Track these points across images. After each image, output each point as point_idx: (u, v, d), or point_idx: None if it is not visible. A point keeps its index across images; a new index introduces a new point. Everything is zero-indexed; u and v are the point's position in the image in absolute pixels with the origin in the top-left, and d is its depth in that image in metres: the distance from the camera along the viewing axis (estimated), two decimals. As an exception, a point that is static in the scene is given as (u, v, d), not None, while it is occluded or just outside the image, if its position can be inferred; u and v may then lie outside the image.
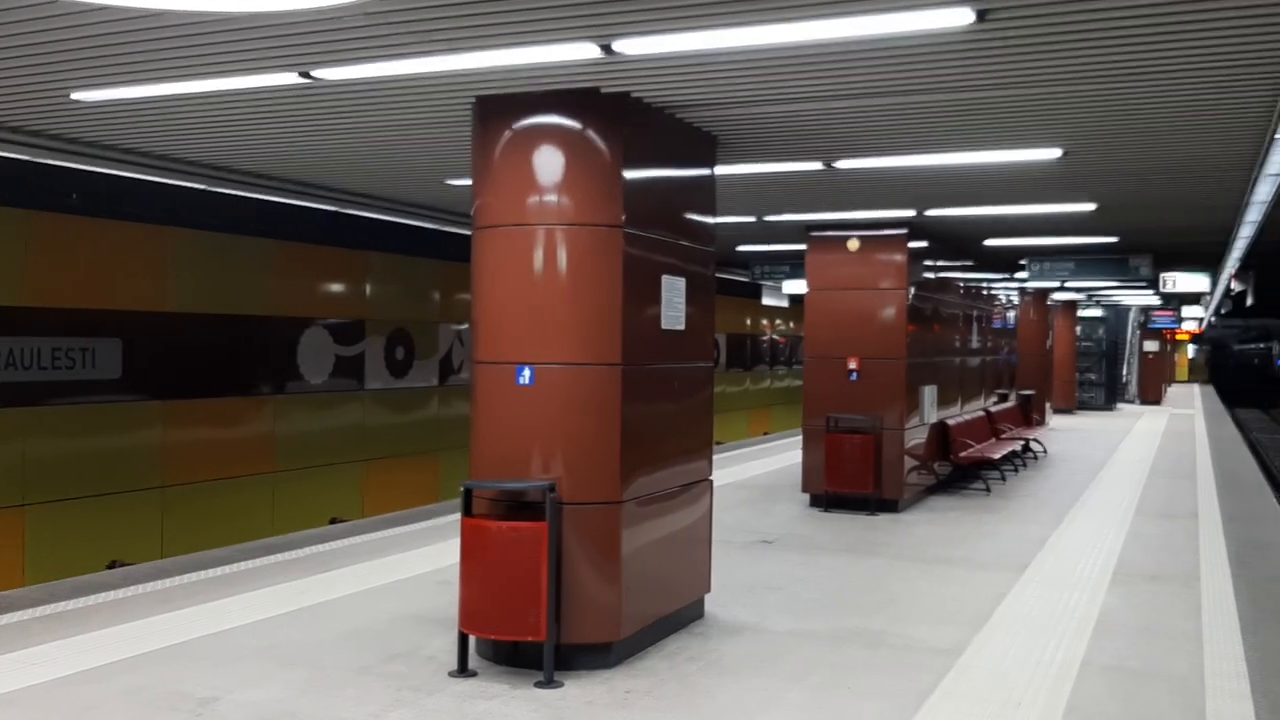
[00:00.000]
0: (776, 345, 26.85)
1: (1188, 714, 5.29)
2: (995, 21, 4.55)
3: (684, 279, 6.50)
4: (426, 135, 7.22)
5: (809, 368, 11.90)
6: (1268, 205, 10.03)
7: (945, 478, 13.22)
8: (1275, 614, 7.28)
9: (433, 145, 7.57)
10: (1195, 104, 6.02)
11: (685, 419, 6.70)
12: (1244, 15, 4.46)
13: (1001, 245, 14.09)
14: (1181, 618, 7.14)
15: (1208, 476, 15.05)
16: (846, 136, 7.08)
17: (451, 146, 7.48)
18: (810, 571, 8.46)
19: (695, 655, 6.17)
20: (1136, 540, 9.94)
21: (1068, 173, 8.31)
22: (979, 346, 15.53)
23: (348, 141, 7.52)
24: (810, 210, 10.88)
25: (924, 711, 5.27)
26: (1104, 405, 30.07)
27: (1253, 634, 6.74)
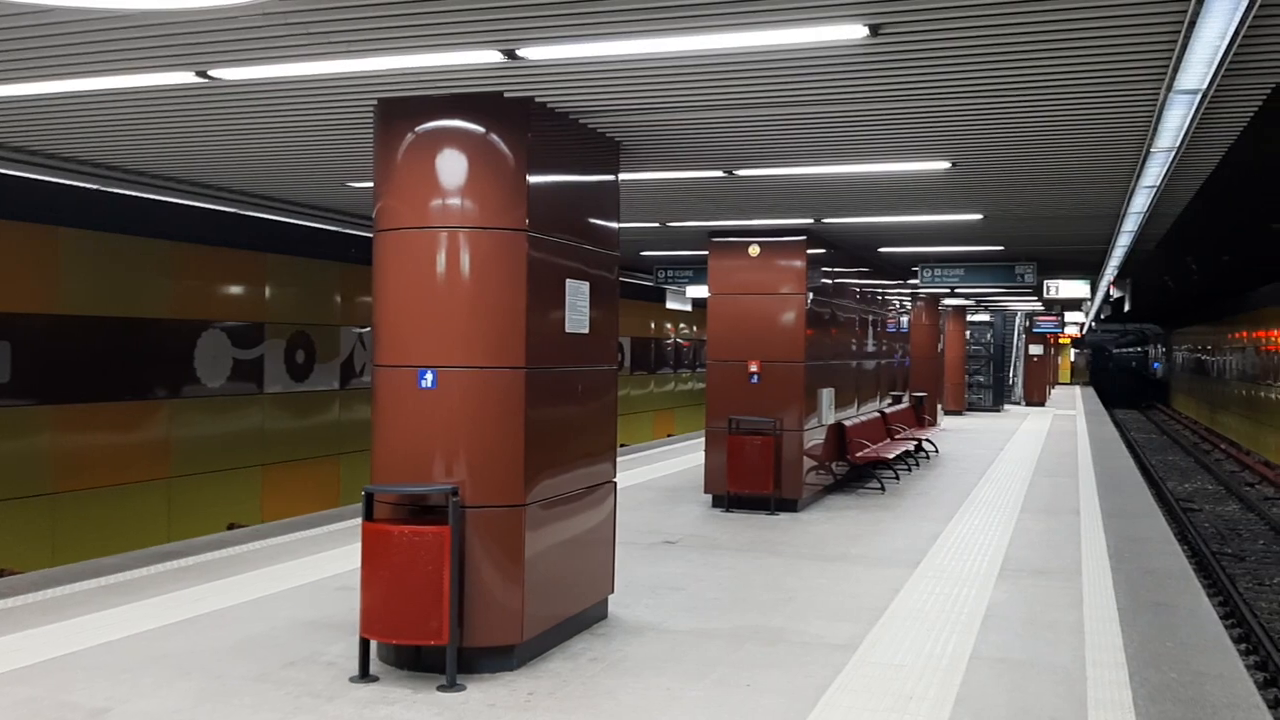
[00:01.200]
0: (680, 348, 27.09)
1: (1070, 703, 5.53)
2: (887, 36, 4.72)
3: (588, 283, 6.57)
4: (328, 137, 7.15)
5: (711, 371, 12.07)
6: (1143, 216, 10.51)
7: (842, 477, 13.53)
8: (1151, 605, 7.64)
9: (334, 147, 7.50)
10: (1076, 119, 6.30)
11: (589, 422, 6.76)
12: (1123, 34, 4.70)
13: (895, 252, 14.49)
14: (1064, 610, 7.45)
15: (1089, 474, 15.66)
16: (747, 145, 7.23)
17: (353, 149, 7.43)
18: (712, 571, 8.59)
19: (598, 656, 6.24)
20: (1022, 536, 10.32)
21: (956, 184, 8.61)
22: (874, 350, 15.92)
23: (247, 142, 7.41)
24: (713, 216, 11.05)
25: (821, 705, 5.42)
26: (992, 407, 31.03)
27: (1130, 625, 7.07)
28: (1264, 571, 15.00)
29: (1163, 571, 8.83)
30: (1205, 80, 5.24)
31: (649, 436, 23.06)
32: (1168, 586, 8.27)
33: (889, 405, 17.15)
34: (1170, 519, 18.54)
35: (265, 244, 13.43)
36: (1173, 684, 5.84)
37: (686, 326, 27.15)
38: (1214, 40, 4.61)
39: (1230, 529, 18.57)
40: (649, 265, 18.19)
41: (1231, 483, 24.53)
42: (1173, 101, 5.71)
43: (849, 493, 13.23)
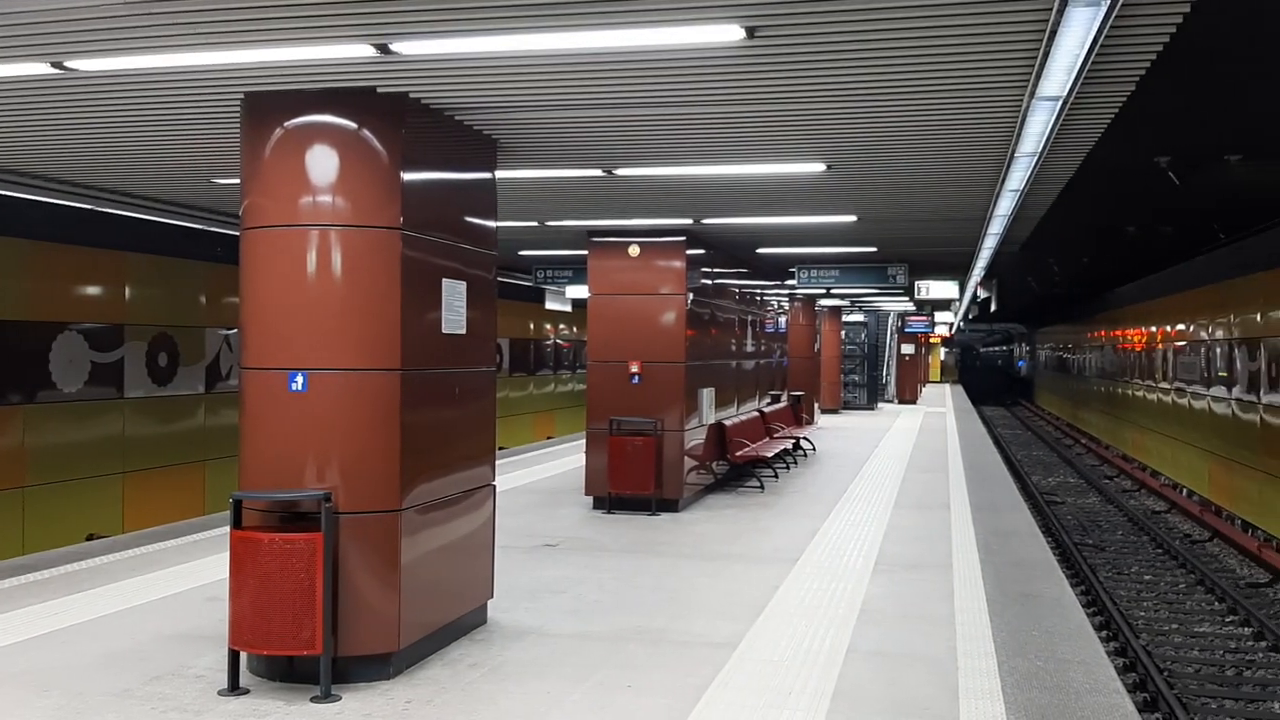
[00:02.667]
0: (560, 349, 26.99)
1: (943, 692, 5.66)
2: (763, 39, 4.76)
3: (465, 283, 6.46)
4: (192, 132, 6.89)
5: (592, 372, 12.04)
6: (1008, 218, 10.87)
7: (723, 476, 13.65)
8: (1018, 596, 7.89)
9: (199, 142, 7.23)
10: (945, 123, 6.46)
11: (467, 424, 6.66)
12: (988, 42, 4.83)
13: (773, 254, 14.69)
14: (937, 602, 7.64)
15: (958, 470, 16.14)
16: (625, 145, 7.22)
17: (219, 144, 7.17)
18: (593, 573, 8.55)
19: (478, 662, 6.14)
20: (896, 531, 10.56)
21: (831, 186, 8.75)
22: (753, 350, 16.11)
23: (105, 136, 7.08)
24: (592, 216, 11.02)
25: (702, 703, 5.43)
26: (866, 405, 31.78)
27: (999, 615, 7.28)
28: (1122, 561, 15.67)
29: (1029, 563, 9.14)
30: (1066, 88, 5.42)
31: (529, 439, 22.91)
32: (1033, 577, 8.55)
33: (768, 404, 17.39)
34: (1035, 512, 19.25)
35: (125, 242, 12.88)
36: (1039, 671, 6.03)
37: (566, 327, 27.07)
38: (1074, 49, 4.77)
39: (1091, 520, 19.36)
40: (528, 265, 18.06)
41: (1092, 476, 25.60)
42: (1035, 108, 5.90)
43: (729, 491, 13.35)
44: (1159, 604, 13.10)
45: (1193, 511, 18.74)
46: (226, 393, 14.49)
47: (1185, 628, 11.95)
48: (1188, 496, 19.63)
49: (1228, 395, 16.96)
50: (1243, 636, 11.53)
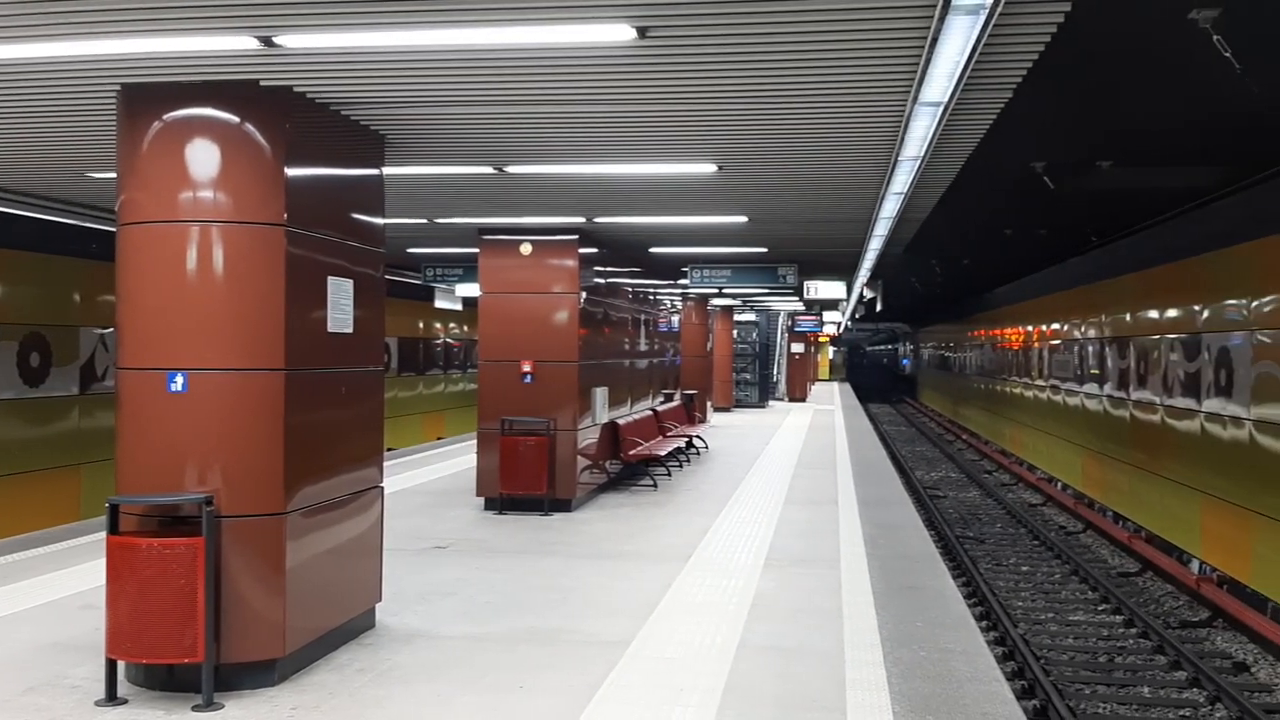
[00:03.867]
0: (450, 349, 26.70)
1: (831, 684, 5.77)
2: (654, 39, 4.78)
3: (351, 280, 6.35)
4: (65, 124, 6.62)
5: (483, 371, 11.94)
6: (893, 221, 11.13)
7: (616, 475, 13.68)
8: (903, 588, 8.08)
9: (72, 135, 6.95)
10: (831, 126, 6.58)
11: (354, 425, 6.54)
12: (872, 47, 4.94)
13: (666, 253, 14.77)
14: (825, 596, 7.78)
15: (846, 466, 16.47)
16: (516, 142, 7.18)
17: (94, 137, 6.91)
18: (485, 575, 8.49)
19: (366, 666, 6.04)
20: (786, 527, 10.72)
21: (722, 186, 8.84)
22: (647, 349, 16.18)
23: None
24: (483, 213, 10.93)
25: (595, 702, 5.44)
26: (758, 403, 32.21)
27: (884, 607, 7.45)
28: (1001, 553, 16.18)
29: (913, 556, 9.37)
30: (947, 93, 5.57)
31: (419, 440, 22.59)
32: (917, 570, 8.78)
33: (661, 403, 17.49)
34: (919, 506, 19.75)
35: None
36: (922, 661, 6.19)
37: (457, 326, 26.78)
38: (954, 56, 4.90)
39: (972, 514, 19.94)
40: (417, 263, 17.83)
41: (972, 471, 26.38)
42: (918, 113, 6.05)
43: (623, 490, 13.39)
44: (1036, 594, 13.56)
45: (1067, 504, 19.45)
46: (103, 394, 13.96)
47: (1060, 617, 12.39)
48: (1062, 490, 20.36)
49: (1099, 392, 17.65)
50: (1114, 624, 12.00)
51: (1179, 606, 12.75)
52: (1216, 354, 12.11)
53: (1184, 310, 13.40)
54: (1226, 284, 11.93)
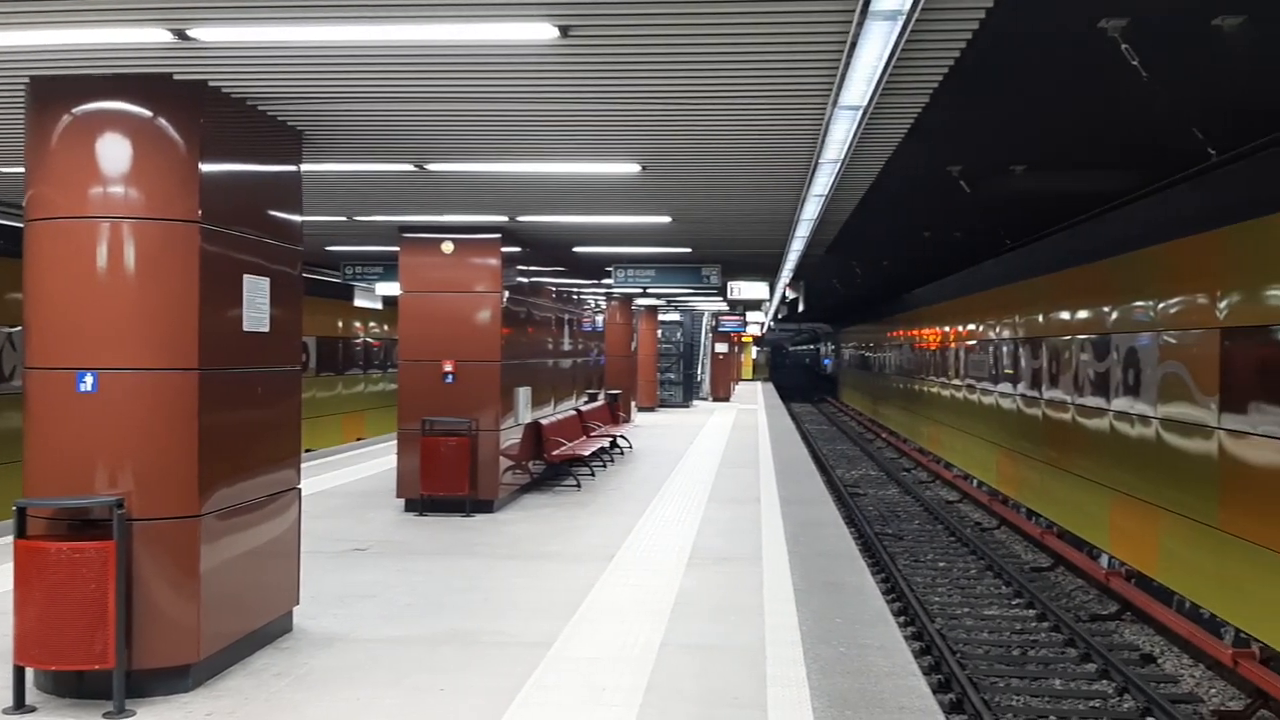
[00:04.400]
0: (370, 348, 26.37)
1: (752, 681, 5.82)
2: (577, 38, 4.77)
3: (268, 279, 6.24)
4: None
5: (404, 371, 11.81)
6: (814, 222, 11.27)
7: (539, 476, 13.63)
8: (823, 585, 8.18)
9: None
10: (754, 129, 6.64)
11: (270, 426, 6.43)
12: (792, 51, 4.99)
13: (590, 252, 14.76)
14: (747, 594, 7.84)
15: (768, 465, 16.62)
16: (437, 140, 7.12)
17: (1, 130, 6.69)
18: (406, 577, 8.40)
19: (283, 671, 5.94)
20: (710, 525, 10.79)
21: (646, 187, 8.86)
22: (570, 349, 16.15)
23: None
24: (404, 211, 10.81)
25: (517, 703, 5.42)
26: (682, 403, 32.36)
27: (805, 604, 7.54)
28: (919, 549, 16.47)
29: (833, 553, 9.49)
30: (866, 97, 5.66)
31: (338, 440, 22.27)
32: (837, 567, 8.89)
33: (585, 403, 17.47)
34: (839, 504, 20.02)
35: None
36: (842, 657, 6.28)
37: (377, 325, 26.47)
38: (873, 61, 4.98)
39: (891, 511, 20.27)
40: (336, 261, 17.56)
41: (891, 469, 26.81)
42: (838, 116, 6.13)
43: (546, 491, 13.35)
44: (952, 589, 13.83)
45: (982, 500, 19.87)
46: (10, 394, 13.52)
47: (976, 611, 12.65)
48: (978, 487, 20.79)
49: (1013, 391, 18.06)
50: (1027, 618, 12.29)
51: (1089, 600, 13.10)
52: (1125, 354, 12.47)
53: (1094, 311, 13.77)
54: (1135, 286, 12.29)
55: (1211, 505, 10.01)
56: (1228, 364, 9.76)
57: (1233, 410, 9.61)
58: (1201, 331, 10.31)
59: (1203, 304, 10.31)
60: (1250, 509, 9.27)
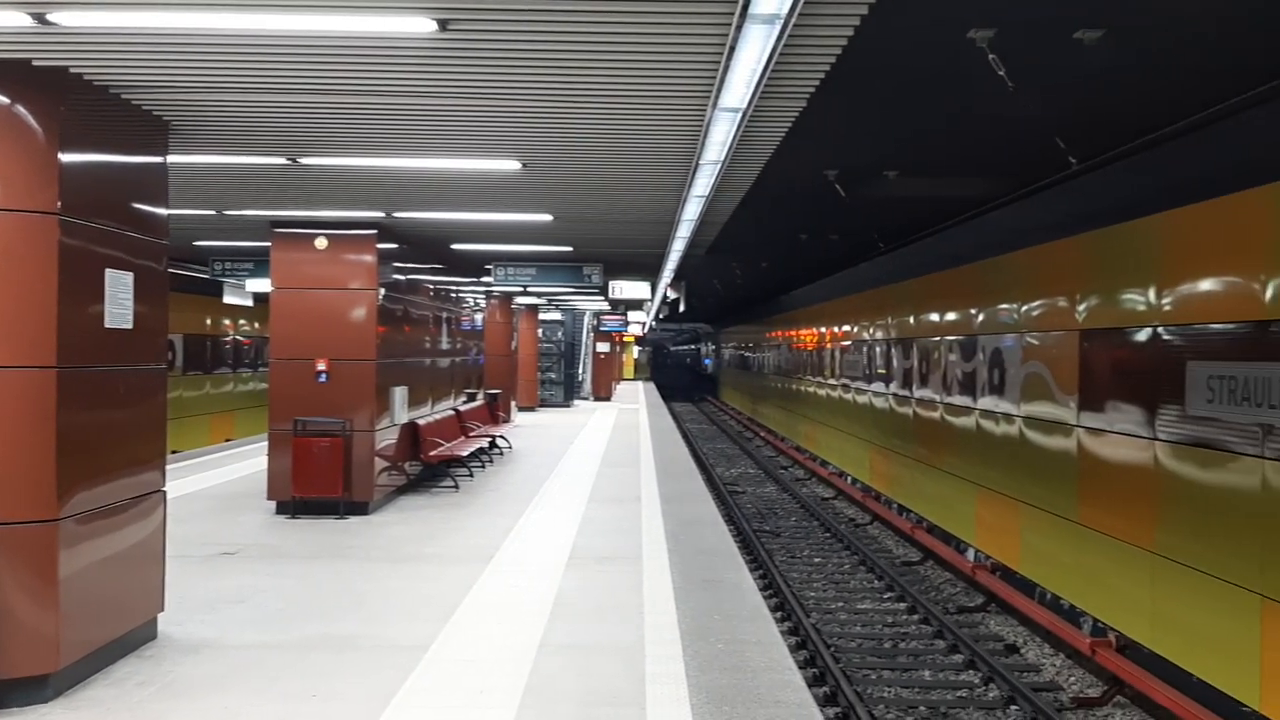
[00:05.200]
0: (240, 346, 25.62)
1: (631, 679, 5.84)
2: (455, 32, 4.71)
3: (132, 274, 6.00)
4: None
5: (275, 370, 11.51)
6: (695, 223, 11.37)
7: (416, 477, 13.43)
8: (702, 583, 8.26)
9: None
10: (635, 129, 6.66)
11: (134, 426, 6.19)
12: (673, 52, 5.02)
13: (469, 250, 14.61)
14: (627, 593, 7.86)
15: (649, 464, 16.71)
16: (311, 133, 6.95)
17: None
18: (277, 581, 8.18)
19: (147, 679, 5.72)
20: (590, 525, 10.78)
21: (527, 184, 8.81)
22: (449, 347, 15.96)
23: None
24: (275, 206, 10.52)
25: (392, 708, 5.32)
26: (563, 402, 32.29)
27: (684, 602, 7.60)
28: (795, 546, 16.77)
29: (712, 551, 9.59)
30: (745, 100, 5.73)
31: (206, 441, 21.58)
32: (716, 564, 8.99)
33: (464, 403, 17.28)
34: (719, 502, 20.25)
35: None
36: (719, 653, 6.34)
37: (248, 323, 25.73)
38: (752, 63, 5.04)
39: (769, 508, 20.59)
40: (204, 256, 17.01)
41: (770, 467, 27.23)
42: (718, 118, 6.19)
43: (423, 492, 13.16)
44: (827, 584, 14.11)
45: (856, 497, 20.33)
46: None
47: (850, 605, 12.94)
48: (852, 484, 21.27)
49: (886, 390, 18.53)
50: (898, 611, 12.63)
51: (957, 593, 13.53)
52: (990, 355, 12.91)
53: (962, 314, 14.22)
54: (1000, 289, 12.74)
55: (1071, 500, 10.43)
56: (1086, 364, 10.19)
57: (1091, 409, 10.03)
58: (1062, 333, 10.74)
59: (1063, 307, 10.74)
60: (1107, 504, 9.69)
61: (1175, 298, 8.53)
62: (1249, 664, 7.39)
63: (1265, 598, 7.22)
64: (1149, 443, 8.81)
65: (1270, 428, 7.18)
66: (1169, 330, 8.58)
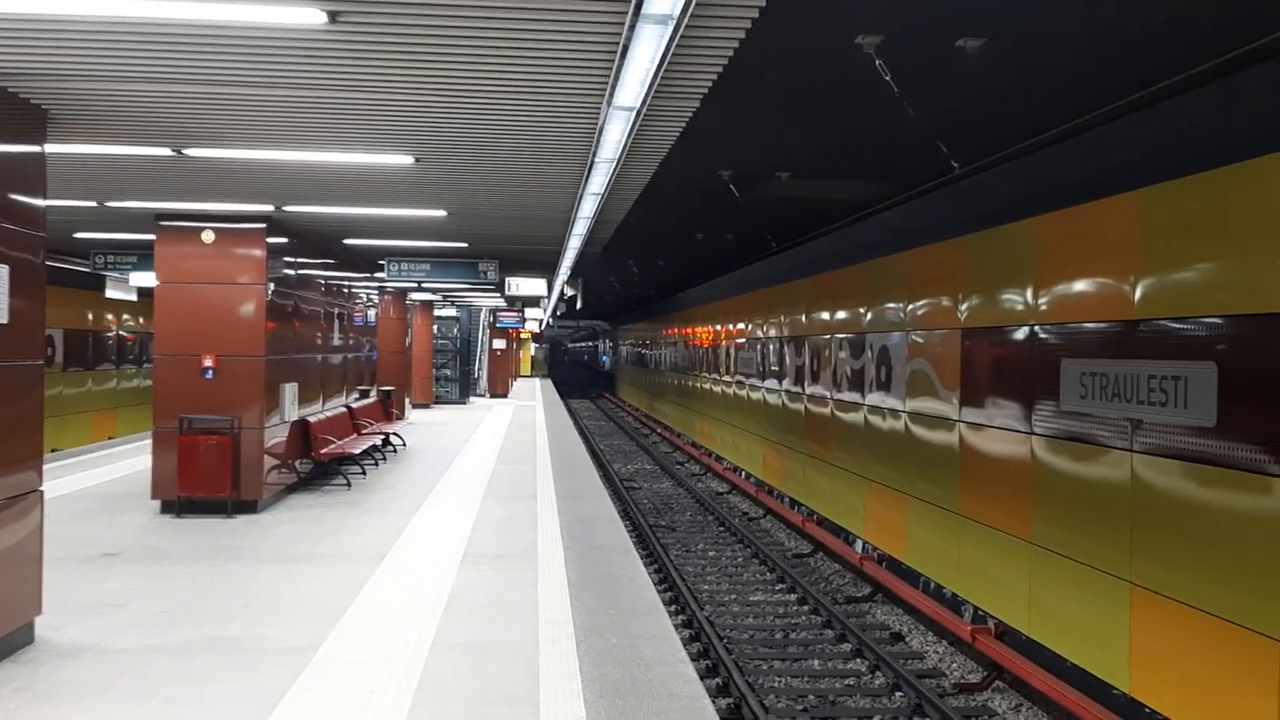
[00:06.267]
0: (124, 342, 24.79)
1: (525, 676, 5.85)
2: (346, 25, 4.67)
3: (7, 267, 5.80)
4: None
5: (160, 366, 11.20)
6: (592, 220, 11.40)
7: (307, 475, 13.20)
8: (597, 579, 8.31)
9: None
10: (530, 126, 6.66)
11: (9, 424, 5.98)
12: (567, 50, 5.04)
13: (362, 245, 14.40)
14: (521, 590, 7.87)
15: (546, 461, 16.69)
16: (197, 124, 6.79)
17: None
18: (161, 583, 7.97)
19: (23, 685, 5.54)
20: (485, 523, 10.74)
21: (420, 179, 8.74)
22: (341, 344, 15.71)
23: None
24: (160, 198, 10.23)
25: (280, 710, 5.25)
26: (459, 399, 32.01)
27: (579, 598, 7.63)
28: (691, 540, 16.93)
29: (608, 547, 9.65)
30: (640, 99, 5.78)
31: (87, 440, 20.84)
32: (612, 560, 9.04)
33: (356, 400, 17.04)
34: (615, 498, 20.33)
35: None
36: (613, 648, 6.40)
37: (132, 318, 24.93)
38: (646, 63, 5.10)
39: (665, 504, 20.74)
40: (85, 249, 16.42)
41: (666, 462, 27.41)
42: (612, 116, 6.24)
43: (314, 491, 12.95)
44: (721, 577, 14.29)
45: (750, 492, 20.62)
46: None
47: (742, 597, 13.13)
48: (746, 479, 21.56)
49: (779, 387, 18.83)
50: (789, 602, 12.86)
51: (845, 584, 13.83)
52: (878, 352, 13.23)
53: (851, 312, 14.53)
54: (887, 289, 13.06)
55: (953, 493, 10.76)
56: (968, 362, 10.52)
57: (972, 405, 10.36)
58: (945, 332, 11.06)
59: (946, 306, 11.07)
60: (986, 495, 10.03)
61: (1050, 298, 8.87)
62: (1119, 648, 7.73)
63: (1134, 585, 7.57)
64: (1026, 437, 9.14)
65: (1138, 422, 7.52)
66: (1045, 329, 8.91)
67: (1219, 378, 6.70)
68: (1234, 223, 6.69)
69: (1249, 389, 6.48)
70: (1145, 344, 7.49)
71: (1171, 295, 7.30)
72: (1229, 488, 6.62)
